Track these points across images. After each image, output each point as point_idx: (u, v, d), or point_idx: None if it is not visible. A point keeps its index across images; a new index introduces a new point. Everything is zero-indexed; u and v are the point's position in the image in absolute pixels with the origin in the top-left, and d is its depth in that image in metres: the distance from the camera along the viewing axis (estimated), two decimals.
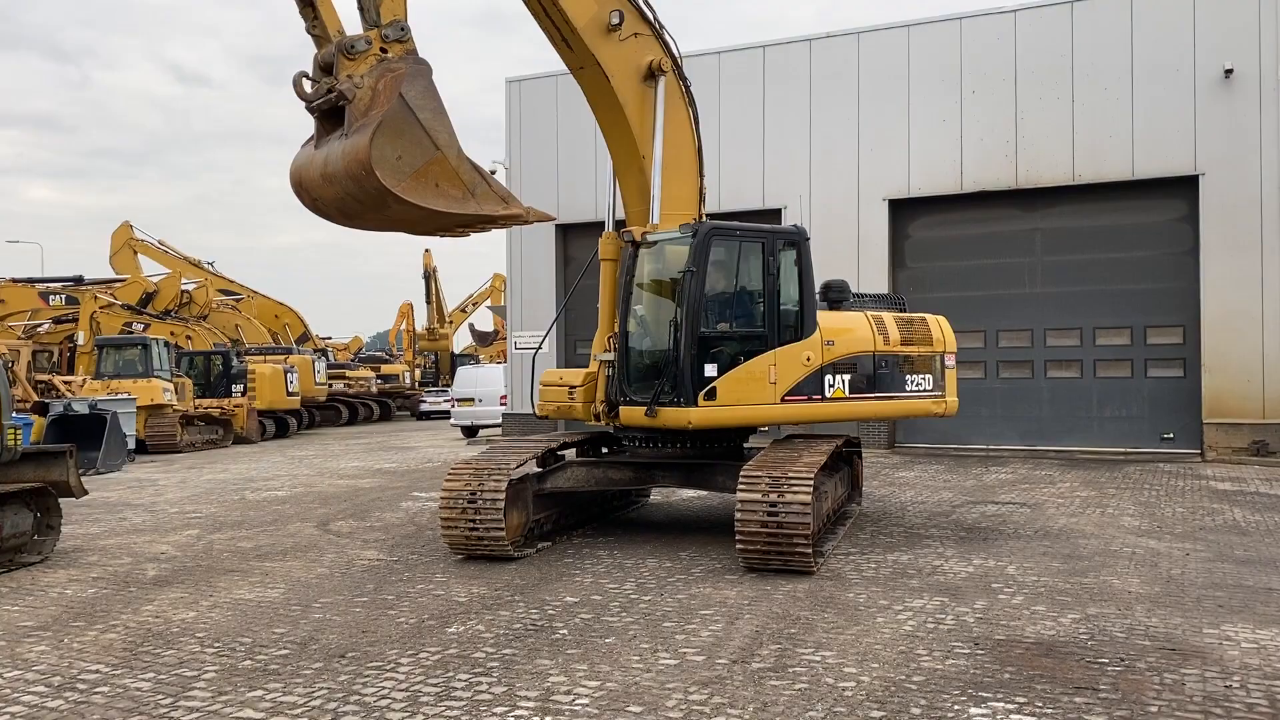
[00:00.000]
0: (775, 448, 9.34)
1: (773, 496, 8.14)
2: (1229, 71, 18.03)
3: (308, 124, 8.53)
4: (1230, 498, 13.07)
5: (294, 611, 7.34)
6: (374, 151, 7.46)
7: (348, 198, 7.91)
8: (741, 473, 8.42)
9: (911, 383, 10.66)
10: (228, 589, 8.16)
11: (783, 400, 9.69)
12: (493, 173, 25.96)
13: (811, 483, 8.18)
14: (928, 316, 11.16)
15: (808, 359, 9.80)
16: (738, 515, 8.24)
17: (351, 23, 8.26)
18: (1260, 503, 12.61)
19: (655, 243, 9.93)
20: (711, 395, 9.36)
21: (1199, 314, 18.39)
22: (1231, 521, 11.11)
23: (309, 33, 8.21)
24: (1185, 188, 18.60)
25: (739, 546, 8.28)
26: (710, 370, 9.38)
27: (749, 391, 9.54)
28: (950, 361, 11.04)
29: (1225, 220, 18.20)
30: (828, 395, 9.99)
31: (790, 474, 8.28)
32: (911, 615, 6.95)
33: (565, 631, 6.64)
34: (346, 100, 7.80)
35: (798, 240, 10.08)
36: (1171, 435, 18.70)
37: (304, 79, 8.15)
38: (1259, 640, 6.34)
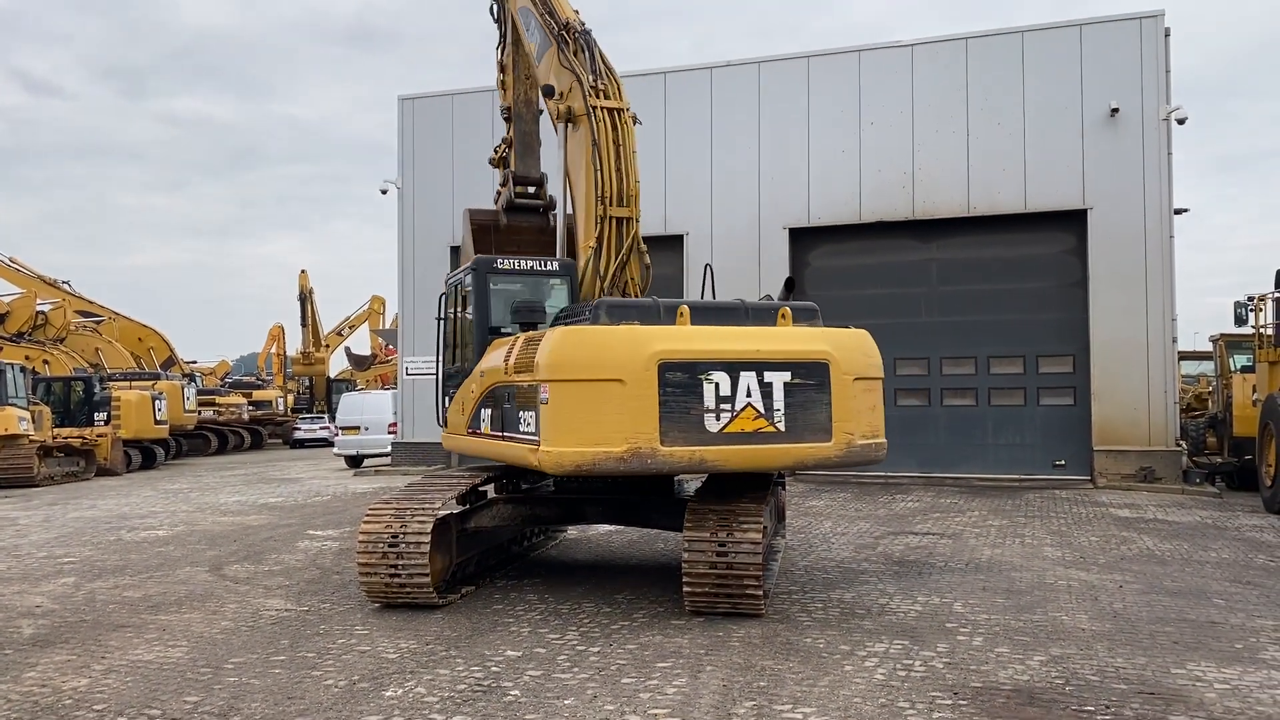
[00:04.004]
0: (714, 482, 8.96)
1: (722, 535, 7.74)
2: (1115, 110, 18.71)
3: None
4: (1135, 525, 13.32)
5: (204, 675, 6.55)
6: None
7: None
8: (688, 509, 8.00)
9: (522, 422, 8.08)
10: (121, 649, 7.28)
11: (469, 433, 9.69)
12: (383, 192, 25.17)
13: (762, 519, 7.83)
14: (606, 329, 7.64)
15: (473, 390, 9.54)
16: (685, 555, 7.80)
17: None
18: (1164, 530, 12.87)
19: None
20: (445, 424, 10.66)
21: (1088, 344, 18.95)
22: (1147, 550, 11.26)
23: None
24: (1074, 221, 19.19)
25: (686, 588, 7.84)
26: (447, 401, 10.63)
27: (459, 423, 10.07)
28: (541, 394, 7.55)
29: (1112, 253, 18.83)
30: (481, 430, 9.30)
31: (738, 509, 7.90)
32: (879, 662, 6.64)
33: (517, 692, 6.08)
34: None
35: (475, 270, 9.76)
36: (1063, 462, 19.16)
37: None
38: (1229, 680, 6.25)
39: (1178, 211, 19.33)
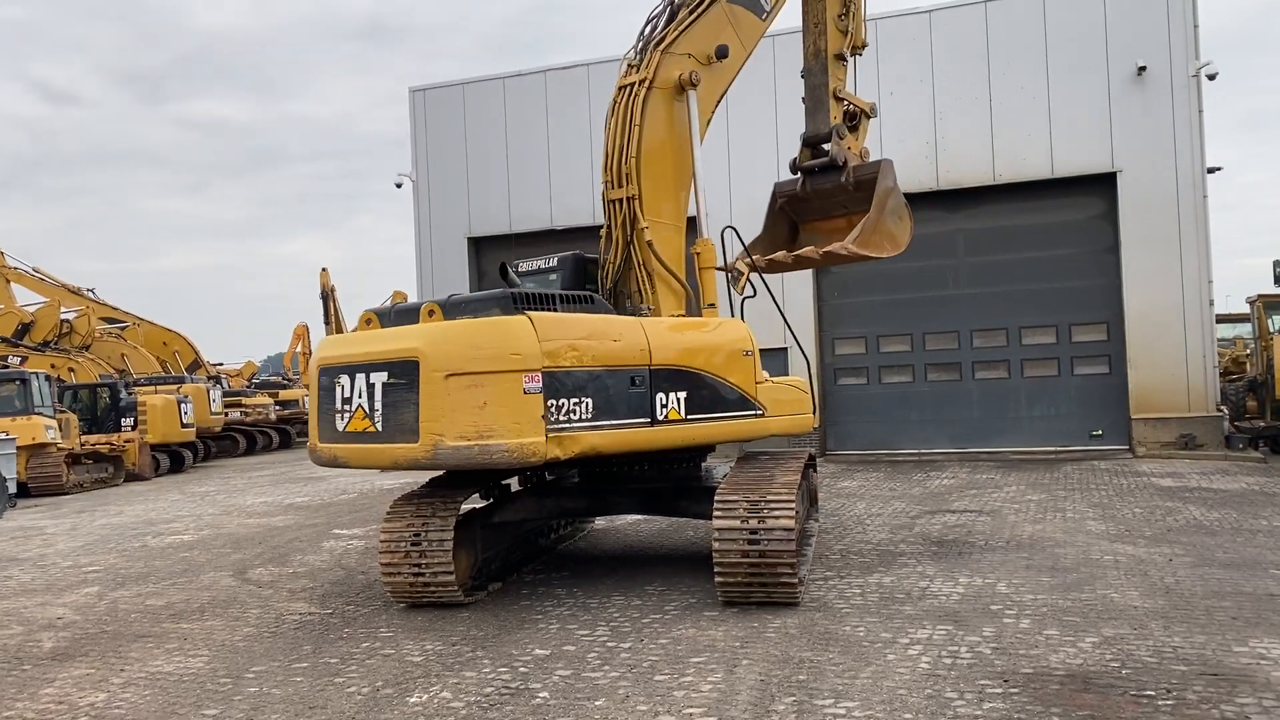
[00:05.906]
0: (743, 467, 8.67)
1: (753, 523, 7.47)
2: (1142, 69, 18.18)
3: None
4: (1179, 495, 12.93)
5: (224, 685, 6.36)
6: None
7: None
8: (717, 497, 7.72)
9: None
10: (141, 660, 7.11)
11: None
12: (398, 186, 24.43)
13: (793, 505, 7.54)
14: None
15: None
16: (715, 545, 7.54)
17: None
18: (1210, 499, 12.47)
19: None
20: None
21: (1122, 310, 18.48)
22: (1194, 521, 10.88)
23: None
24: (1104, 185, 18.69)
25: (718, 579, 7.58)
26: None
27: None
28: None
29: (1143, 216, 18.33)
30: None
31: (769, 496, 7.62)
32: (922, 649, 6.35)
33: (546, 694, 5.84)
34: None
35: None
36: (1101, 432, 18.73)
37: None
38: None
39: (1210, 170, 18.78)
